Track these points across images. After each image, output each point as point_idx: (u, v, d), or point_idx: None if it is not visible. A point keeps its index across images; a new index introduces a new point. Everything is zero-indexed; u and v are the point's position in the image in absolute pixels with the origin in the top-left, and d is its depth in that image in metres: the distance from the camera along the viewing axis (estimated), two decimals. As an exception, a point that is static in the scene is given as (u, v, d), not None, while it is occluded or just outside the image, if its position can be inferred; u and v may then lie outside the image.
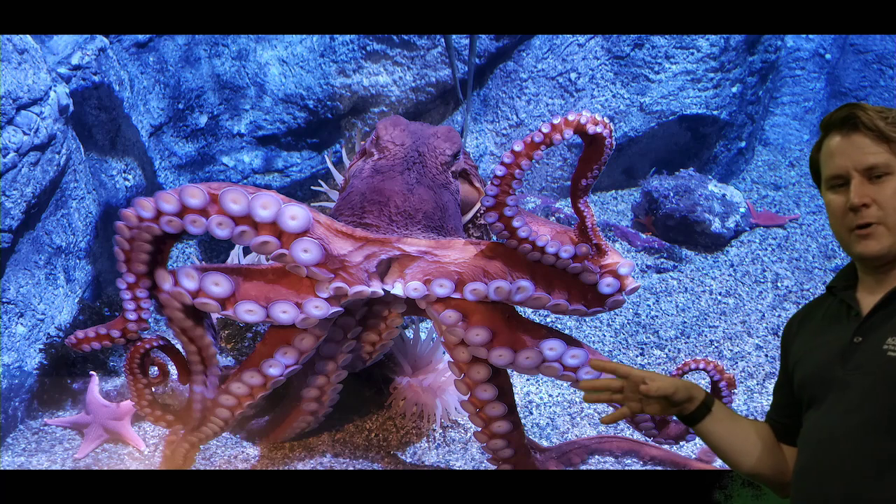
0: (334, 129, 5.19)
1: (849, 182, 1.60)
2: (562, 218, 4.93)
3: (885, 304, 1.59)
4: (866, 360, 1.56)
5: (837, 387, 1.59)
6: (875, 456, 1.50)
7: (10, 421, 3.57)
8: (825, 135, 1.65)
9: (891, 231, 1.58)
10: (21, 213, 3.63)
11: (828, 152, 1.63)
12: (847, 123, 1.60)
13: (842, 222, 1.63)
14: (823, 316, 1.71)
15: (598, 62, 5.36)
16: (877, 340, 1.55)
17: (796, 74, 6.44)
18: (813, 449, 1.62)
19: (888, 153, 1.57)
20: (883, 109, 1.60)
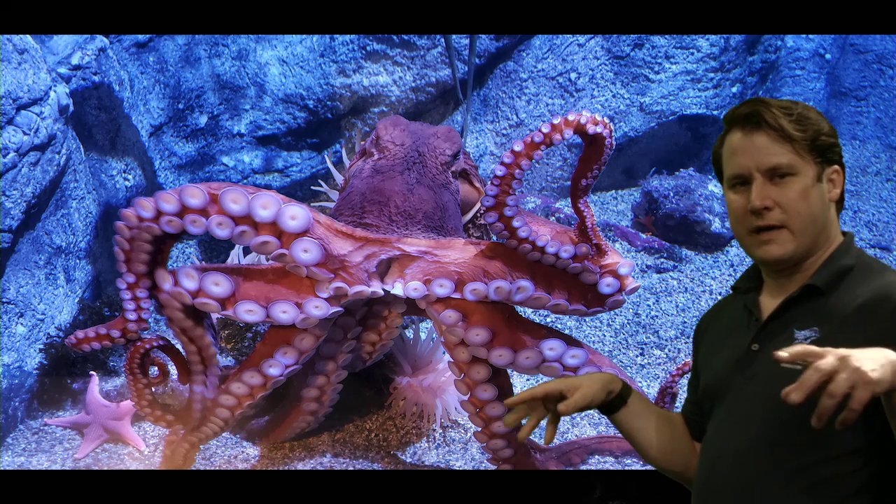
0: (334, 129, 5.19)
1: (750, 182, 1.50)
2: (562, 218, 4.93)
3: (783, 311, 1.51)
4: (761, 369, 1.49)
5: (733, 396, 1.53)
6: (766, 472, 1.45)
7: (10, 421, 3.57)
8: (728, 130, 1.56)
9: (794, 235, 1.49)
10: (21, 213, 3.63)
11: (730, 150, 1.54)
12: (750, 121, 1.50)
13: (742, 224, 1.52)
14: (729, 317, 1.64)
15: (598, 62, 5.36)
16: (772, 350, 1.40)
17: (796, 74, 6.44)
18: (707, 462, 1.56)
19: (792, 153, 1.48)
20: (788, 105, 1.51)
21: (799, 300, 1.51)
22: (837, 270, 1.51)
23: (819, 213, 1.51)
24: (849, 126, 6.44)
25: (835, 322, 1.44)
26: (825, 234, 1.53)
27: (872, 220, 5.22)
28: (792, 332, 1.47)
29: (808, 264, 1.53)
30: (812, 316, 1.48)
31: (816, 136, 1.50)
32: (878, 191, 5.64)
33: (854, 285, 1.48)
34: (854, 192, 5.62)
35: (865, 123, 6.41)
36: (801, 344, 1.28)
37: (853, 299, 1.46)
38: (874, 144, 6.28)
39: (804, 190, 1.49)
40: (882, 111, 6.37)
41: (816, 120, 1.52)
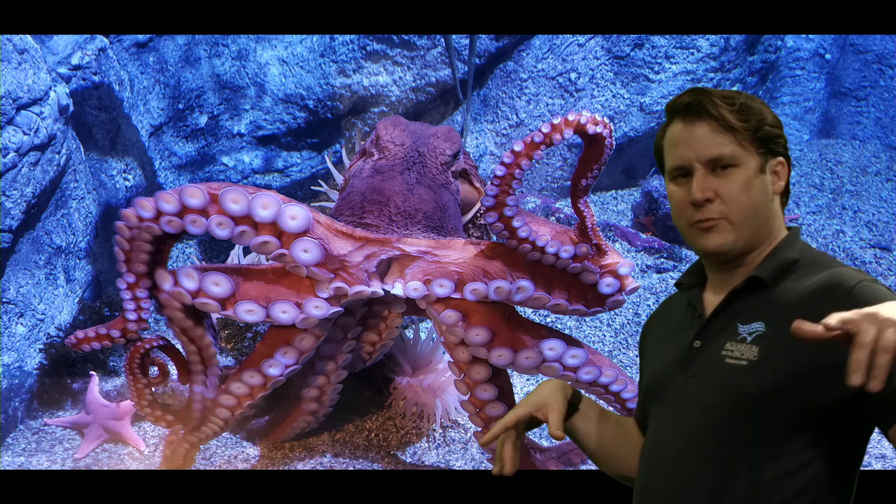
0: (334, 129, 5.19)
1: (692, 173, 1.45)
2: (562, 218, 4.93)
3: (726, 305, 1.47)
4: (703, 366, 1.44)
5: (675, 395, 1.48)
6: (707, 473, 1.40)
7: (10, 421, 3.57)
8: (669, 121, 1.51)
9: (735, 227, 1.44)
10: (21, 213, 3.63)
11: (671, 140, 1.49)
12: (691, 111, 1.45)
13: (683, 215, 1.47)
14: (673, 315, 1.60)
15: (598, 62, 5.36)
16: (715, 346, 1.43)
17: (796, 74, 6.44)
18: (647, 463, 1.51)
19: (734, 143, 1.44)
20: (730, 95, 1.47)
21: (743, 293, 1.46)
22: (782, 263, 1.46)
23: (761, 206, 1.46)
24: (849, 126, 6.44)
25: (781, 315, 1.38)
26: (768, 227, 1.48)
27: (872, 220, 5.22)
28: (736, 326, 1.42)
29: (752, 258, 1.48)
30: (756, 309, 1.43)
31: (759, 127, 1.46)
32: (878, 191, 5.64)
33: (799, 278, 1.43)
34: (854, 192, 5.62)
35: (865, 123, 6.41)
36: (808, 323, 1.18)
37: (798, 292, 1.41)
38: (874, 144, 6.28)
39: (746, 181, 1.44)
40: (882, 111, 6.37)
41: (760, 110, 1.47)
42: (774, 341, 1.38)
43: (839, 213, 5.34)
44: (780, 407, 1.36)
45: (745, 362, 1.39)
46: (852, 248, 4.86)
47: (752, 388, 1.37)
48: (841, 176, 5.84)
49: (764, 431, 1.36)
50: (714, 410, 1.41)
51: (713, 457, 1.40)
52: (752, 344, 1.39)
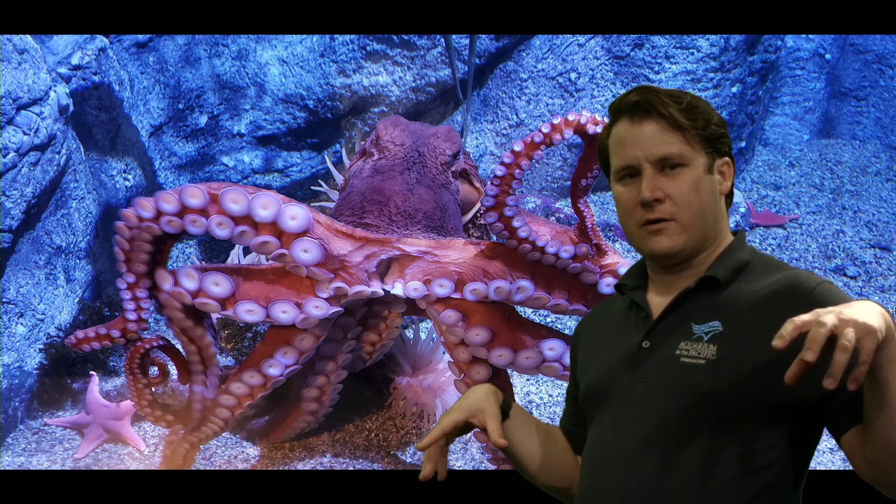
0: (334, 129, 5.19)
1: (639, 173, 1.41)
2: (562, 218, 4.93)
3: (676, 306, 1.43)
4: (655, 367, 1.40)
5: (622, 396, 1.43)
6: (663, 474, 1.35)
7: (10, 421, 3.57)
8: (615, 120, 1.47)
9: (684, 228, 1.40)
10: (21, 213, 3.63)
11: (617, 140, 1.45)
12: (639, 109, 1.42)
13: (632, 217, 1.43)
14: (612, 318, 1.54)
15: (598, 62, 5.36)
16: (667, 346, 1.40)
17: (796, 74, 6.44)
18: (593, 468, 1.46)
19: (683, 142, 1.40)
20: (677, 94, 1.43)
21: (695, 293, 1.43)
22: (735, 264, 1.43)
23: (710, 206, 1.43)
24: (849, 126, 6.44)
25: (737, 315, 1.37)
26: (715, 229, 1.45)
27: (872, 220, 5.22)
28: (690, 326, 1.39)
29: (699, 260, 1.45)
30: (711, 309, 1.40)
31: (707, 126, 1.43)
32: (878, 191, 5.65)
33: (752, 279, 1.41)
34: (854, 192, 5.63)
35: (865, 123, 6.41)
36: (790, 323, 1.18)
37: (754, 292, 1.39)
38: (874, 144, 6.28)
39: (695, 181, 1.41)
40: (882, 111, 6.38)
41: (706, 110, 1.45)
42: (733, 340, 1.36)
43: (839, 213, 5.34)
44: (739, 404, 1.33)
45: (703, 361, 1.36)
46: (852, 248, 4.86)
47: (711, 387, 1.34)
48: (841, 176, 5.85)
49: (723, 429, 1.33)
50: (670, 410, 1.37)
51: (669, 456, 1.36)
52: (710, 343, 1.37)
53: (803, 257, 4.81)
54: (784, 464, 1.35)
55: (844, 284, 4.55)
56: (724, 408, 1.33)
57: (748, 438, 1.34)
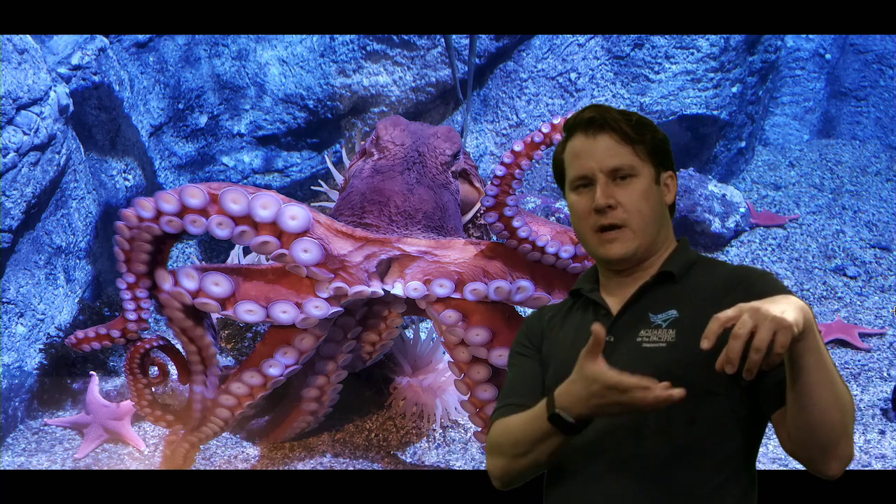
0: (334, 129, 5.19)
1: (593, 183, 1.56)
2: (562, 218, 4.93)
3: (634, 301, 1.57)
4: (621, 356, 1.51)
5: None
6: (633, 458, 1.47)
7: (10, 421, 3.57)
8: (570, 136, 1.61)
9: (636, 233, 1.55)
10: (21, 213, 3.63)
11: (573, 153, 1.59)
12: (593, 124, 1.57)
13: (586, 223, 1.58)
14: (568, 318, 1.65)
15: (598, 62, 5.36)
16: (629, 336, 1.53)
17: (796, 74, 6.44)
18: (570, 452, 1.52)
19: (633, 155, 1.55)
20: (627, 113, 1.59)
21: (652, 288, 1.56)
22: (686, 261, 1.59)
23: (658, 214, 1.58)
24: (849, 126, 6.44)
25: (691, 303, 1.52)
26: (663, 235, 1.60)
27: (872, 220, 5.22)
28: (647, 316, 1.53)
29: (649, 262, 1.59)
30: (667, 300, 1.54)
31: (654, 140, 1.58)
32: (878, 191, 5.65)
33: (701, 273, 1.57)
34: (854, 192, 5.63)
35: (865, 123, 6.41)
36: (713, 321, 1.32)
37: (704, 284, 1.55)
38: (874, 144, 6.28)
39: (644, 191, 1.56)
40: (882, 111, 6.38)
41: (653, 127, 1.60)
42: (688, 325, 1.49)
43: (839, 213, 5.34)
44: (697, 381, 1.44)
45: (664, 344, 1.50)
46: (852, 248, 4.86)
47: (672, 365, 1.46)
48: (841, 176, 5.85)
49: (684, 406, 1.41)
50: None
51: (638, 441, 1.48)
52: (668, 328, 1.51)
53: (803, 257, 4.81)
54: (741, 435, 1.49)
55: (844, 284, 4.55)
56: (685, 385, 1.41)
57: (708, 413, 1.47)
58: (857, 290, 4.49)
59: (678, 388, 1.39)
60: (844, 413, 1.38)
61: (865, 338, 3.99)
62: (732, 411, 1.48)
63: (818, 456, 1.41)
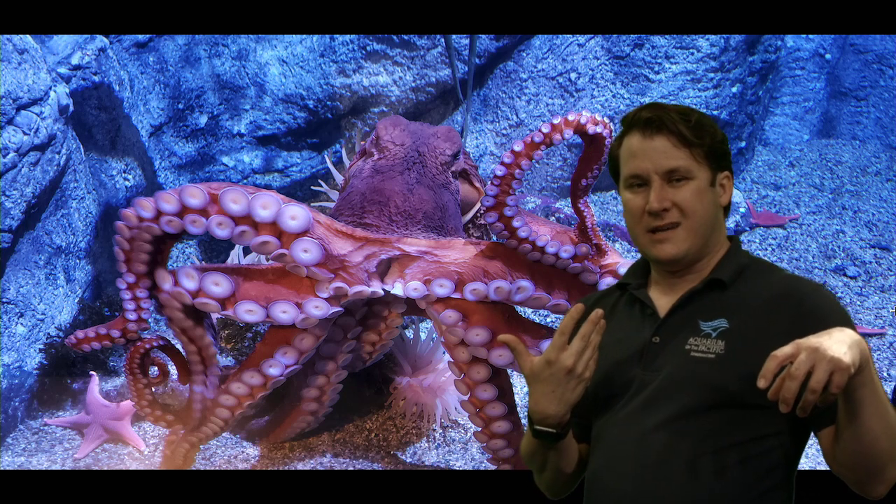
0: (334, 129, 5.19)
1: (648, 183, 1.56)
2: (562, 218, 4.93)
3: (683, 305, 1.56)
4: (667, 360, 1.52)
5: (636, 387, 1.55)
6: (677, 457, 1.48)
7: (10, 421, 3.57)
8: (626, 133, 1.60)
9: (688, 235, 1.55)
10: (21, 213, 3.63)
11: (629, 151, 1.58)
12: (650, 125, 1.56)
13: (639, 223, 1.57)
14: (614, 312, 1.64)
15: (598, 62, 5.36)
16: (677, 341, 1.53)
17: (796, 74, 6.44)
18: (608, 451, 1.56)
19: (689, 158, 1.54)
20: (686, 112, 1.57)
21: (701, 294, 1.56)
22: (737, 267, 1.57)
23: (711, 216, 1.57)
24: (849, 126, 6.44)
25: (742, 313, 1.51)
26: (716, 237, 1.59)
27: (872, 220, 5.22)
28: (697, 322, 1.53)
29: (701, 265, 1.59)
30: (716, 308, 1.54)
31: (712, 143, 1.57)
32: (878, 191, 5.65)
33: (752, 281, 1.56)
34: (854, 192, 5.63)
35: (865, 123, 6.41)
36: (771, 359, 1.32)
37: (756, 293, 1.54)
38: (874, 144, 6.28)
39: (699, 193, 1.55)
40: (882, 111, 6.38)
41: (712, 127, 1.58)
42: (738, 337, 1.49)
43: (839, 213, 5.34)
44: (745, 396, 1.45)
45: (713, 355, 1.49)
46: (852, 248, 4.86)
47: (720, 379, 1.48)
48: (841, 176, 5.85)
49: (730, 418, 1.46)
50: (684, 401, 1.49)
51: (683, 443, 1.48)
52: (718, 339, 1.50)
53: (803, 257, 4.81)
54: (783, 450, 1.49)
55: (844, 284, 4.55)
56: (732, 398, 1.46)
57: (752, 426, 1.48)
58: (857, 291, 4.49)
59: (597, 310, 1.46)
60: (894, 441, 1.40)
61: (866, 338, 3.99)
62: (780, 424, 1.48)
63: (865, 479, 1.43)
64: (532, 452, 1.63)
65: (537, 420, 1.54)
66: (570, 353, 1.48)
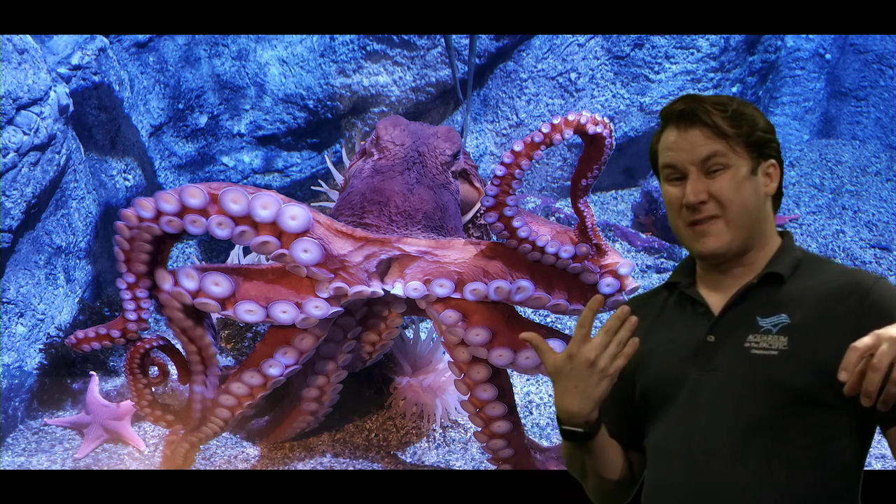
0: (334, 129, 5.19)
1: (685, 176, 1.52)
2: (562, 218, 4.93)
3: (738, 301, 1.51)
4: (726, 359, 1.47)
5: (692, 388, 1.49)
6: (753, 455, 1.42)
7: (10, 421, 3.57)
8: (664, 127, 1.58)
9: (728, 226, 1.50)
10: (21, 213, 3.63)
11: (665, 146, 1.56)
12: (684, 118, 1.52)
13: (678, 217, 1.54)
14: (663, 313, 1.60)
15: (598, 62, 5.36)
16: (734, 339, 1.47)
17: (796, 74, 6.44)
18: (669, 455, 1.50)
19: (726, 148, 1.50)
20: (723, 102, 1.52)
21: (757, 289, 1.51)
22: (793, 261, 1.53)
23: (753, 206, 1.52)
24: (849, 126, 6.44)
25: (802, 307, 1.46)
26: (761, 228, 1.54)
27: (872, 220, 5.22)
28: (755, 319, 1.47)
29: (750, 258, 1.54)
30: (774, 303, 1.48)
31: (752, 132, 1.52)
32: (878, 191, 5.64)
33: (808, 274, 1.51)
34: (854, 192, 5.62)
35: (865, 123, 6.41)
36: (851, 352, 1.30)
37: (814, 286, 1.49)
38: (874, 144, 6.28)
39: (738, 182, 1.50)
40: (882, 111, 6.37)
41: (752, 116, 1.53)
42: (801, 332, 1.44)
43: (839, 213, 5.34)
44: (812, 392, 1.41)
45: (776, 352, 1.44)
46: (852, 248, 4.86)
47: (786, 376, 1.43)
48: (841, 176, 5.84)
49: (796, 416, 1.42)
50: (746, 399, 1.44)
51: (750, 443, 1.43)
52: (779, 334, 1.45)
53: (803, 257, 4.81)
54: (852, 448, 1.45)
55: (844, 284, 4.55)
56: (798, 395, 1.42)
57: (820, 425, 1.43)
58: (857, 290, 4.49)
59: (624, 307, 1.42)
60: None
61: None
62: (849, 421, 1.43)
63: None
64: (569, 457, 1.59)
65: (564, 419, 1.50)
66: (593, 345, 1.45)
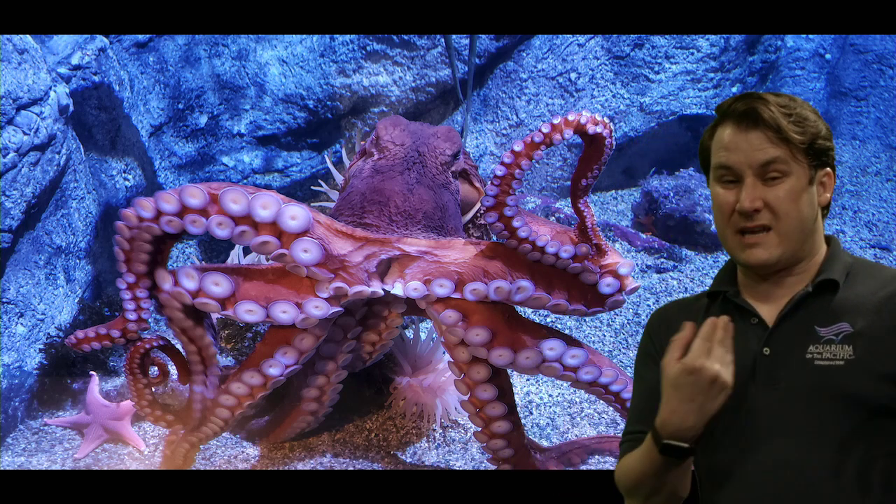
0: (334, 129, 5.19)
1: (740, 180, 1.44)
2: (562, 218, 4.93)
3: (792, 312, 1.45)
4: (787, 372, 1.42)
5: (751, 405, 1.44)
6: (848, 471, 1.38)
7: (10, 421, 3.57)
8: (720, 122, 1.48)
9: (780, 239, 1.43)
10: (21, 213, 3.63)
11: (721, 143, 1.46)
12: (747, 117, 1.43)
13: (728, 222, 1.45)
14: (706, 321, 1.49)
15: (598, 62, 5.36)
16: (793, 351, 1.42)
17: (796, 74, 6.44)
18: (733, 473, 1.44)
19: (786, 154, 1.42)
20: (787, 104, 1.44)
21: (812, 297, 1.45)
22: (844, 268, 1.47)
23: (808, 218, 1.46)
24: (849, 126, 6.44)
25: (863, 314, 1.41)
26: (812, 240, 1.48)
27: (872, 220, 5.22)
28: (813, 329, 1.42)
29: (801, 267, 1.48)
30: (832, 311, 1.43)
31: (814, 139, 1.45)
32: (878, 191, 5.64)
33: (860, 282, 1.45)
34: (854, 192, 5.62)
35: (865, 123, 6.41)
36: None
37: (871, 291, 1.43)
38: (874, 144, 6.28)
39: (796, 192, 1.43)
40: (882, 111, 6.37)
41: (815, 121, 1.46)
42: (865, 340, 1.39)
43: (839, 213, 5.34)
44: (883, 401, 1.37)
45: (842, 362, 1.39)
46: (852, 248, 4.86)
47: (854, 386, 1.38)
48: (841, 176, 5.84)
49: (868, 427, 1.38)
50: (815, 413, 1.40)
51: (840, 458, 1.39)
52: (843, 344, 1.40)
53: (803, 257, 4.81)
54: None
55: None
56: (870, 405, 1.37)
57: (892, 434, 1.39)
58: (857, 290, 4.49)
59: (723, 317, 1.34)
60: None
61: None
62: None
63: None
64: (647, 474, 1.46)
65: (668, 433, 1.39)
66: (715, 358, 1.36)
